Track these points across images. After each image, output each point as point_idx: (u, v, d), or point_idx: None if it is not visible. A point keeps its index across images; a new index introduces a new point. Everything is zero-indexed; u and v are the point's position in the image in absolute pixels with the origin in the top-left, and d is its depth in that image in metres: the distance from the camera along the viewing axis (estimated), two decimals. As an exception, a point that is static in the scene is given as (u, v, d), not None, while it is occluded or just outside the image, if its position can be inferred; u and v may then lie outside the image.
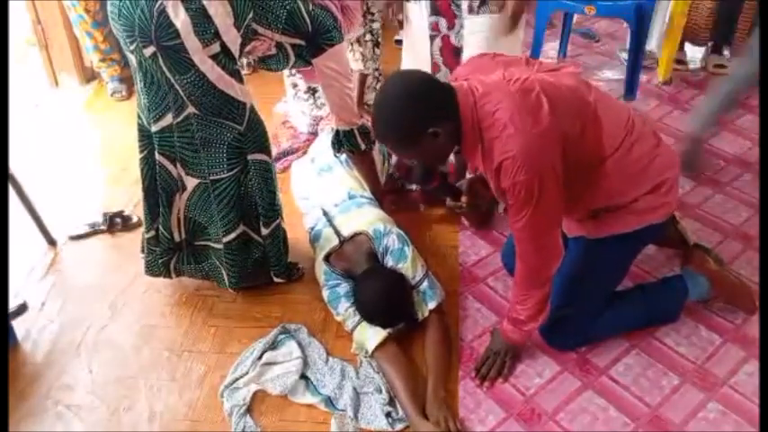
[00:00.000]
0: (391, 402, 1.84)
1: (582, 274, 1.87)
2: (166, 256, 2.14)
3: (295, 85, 2.90)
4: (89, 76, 3.54)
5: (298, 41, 1.93)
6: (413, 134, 1.61)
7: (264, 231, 2.08)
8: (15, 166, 2.36)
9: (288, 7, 1.85)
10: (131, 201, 2.65)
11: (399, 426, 1.79)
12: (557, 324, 1.90)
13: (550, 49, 3.56)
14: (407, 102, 1.59)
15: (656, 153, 1.77)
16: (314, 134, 2.91)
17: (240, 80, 1.87)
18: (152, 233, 2.11)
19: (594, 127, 1.67)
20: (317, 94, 2.88)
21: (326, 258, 2.13)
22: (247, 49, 1.89)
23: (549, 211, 1.64)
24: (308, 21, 1.89)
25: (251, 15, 1.80)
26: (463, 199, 2.01)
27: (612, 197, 1.77)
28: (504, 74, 1.67)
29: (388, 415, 1.81)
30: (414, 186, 2.51)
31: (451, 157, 2.03)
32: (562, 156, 1.61)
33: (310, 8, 1.90)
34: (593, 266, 1.88)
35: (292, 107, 3.01)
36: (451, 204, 2.05)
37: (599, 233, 1.83)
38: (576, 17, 3.54)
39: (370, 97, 2.85)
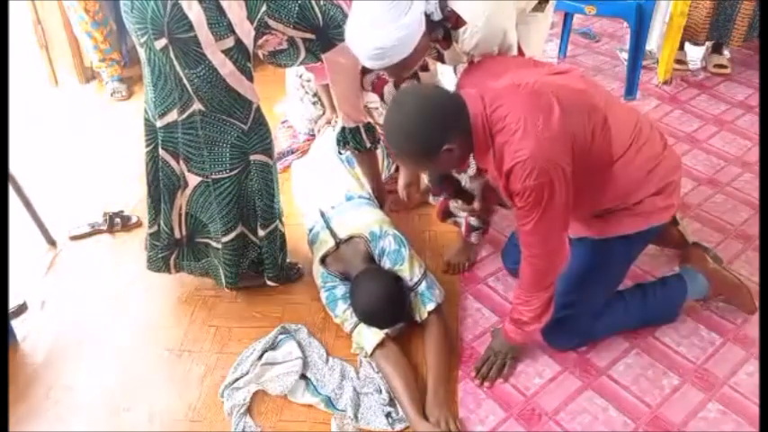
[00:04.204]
0: (391, 403, 1.84)
1: (585, 275, 1.87)
2: (166, 252, 2.15)
3: (302, 87, 2.89)
4: (89, 76, 3.54)
5: (309, 36, 1.93)
6: (429, 153, 1.63)
7: (261, 233, 2.08)
8: (15, 166, 2.36)
9: (300, 1, 1.85)
10: (131, 200, 2.66)
11: (399, 426, 1.79)
12: (557, 324, 1.89)
13: (550, 49, 3.56)
14: (420, 122, 1.59)
15: (663, 156, 1.78)
16: (313, 135, 2.91)
17: (250, 78, 1.87)
18: (154, 228, 2.12)
19: (604, 130, 1.68)
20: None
21: (323, 260, 2.13)
22: (259, 43, 1.89)
23: (558, 215, 1.64)
24: (319, 15, 1.89)
25: (264, 9, 1.81)
26: (475, 204, 2.03)
27: (619, 199, 1.78)
28: (514, 78, 1.67)
29: (388, 415, 1.81)
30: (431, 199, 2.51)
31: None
32: (572, 159, 1.61)
33: (321, 3, 1.90)
34: (597, 267, 1.88)
35: (294, 109, 3.01)
36: (465, 207, 2.08)
37: (603, 234, 1.84)
38: (576, 17, 3.54)
39: (369, 99, 2.84)
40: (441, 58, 2.01)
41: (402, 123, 1.62)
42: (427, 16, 1.72)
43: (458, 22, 1.78)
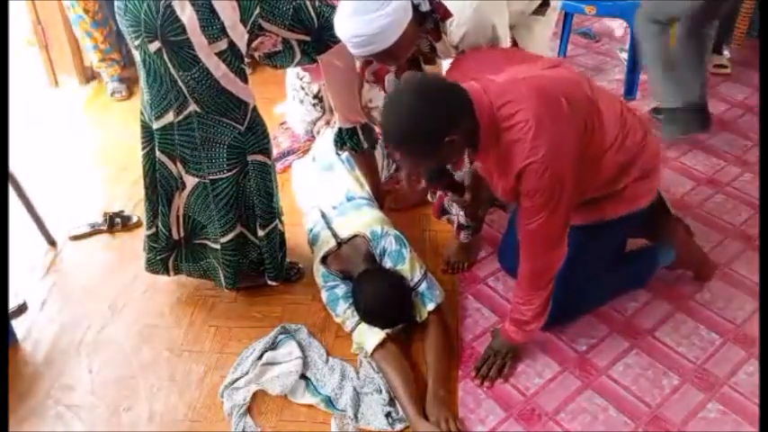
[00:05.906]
0: (391, 402, 1.84)
1: (570, 262, 1.86)
2: (165, 254, 2.14)
3: (302, 89, 2.89)
4: (89, 76, 3.54)
5: (303, 38, 1.93)
6: (431, 145, 1.57)
7: (261, 233, 2.08)
8: (15, 166, 2.35)
9: (294, 3, 1.85)
10: (131, 201, 2.65)
11: (399, 426, 1.79)
12: None
13: (550, 49, 3.55)
14: (423, 113, 1.53)
15: (645, 143, 1.81)
16: (313, 137, 2.91)
17: (245, 80, 1.87)
18: (152, 230, 2.11)
19: (599, 121, 1.69)
20: (323, 102, 2.88)
21: (324, 260, 2.13)
22: (254, 45, 1.89)
23: (564, 213, 1.65)
24: (314, 17, 1.89)
25: (257, 11, 1.80)
26: (467, 195, 2.02)
27: (605, 188, 1.80)
28: (515, 73, 1.66)
29: (388, 415, 1.81)
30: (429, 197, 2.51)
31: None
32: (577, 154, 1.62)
33: (317, 4, 1.90)
34: (582, 254, 1.86)
35: (293, 111, 3.00)
36: (455, 199, 2.07)
37: (586, 220, 1.85)
38: (575, 17, 3.54)
39: (368, 98, 2.84)
40: (435, 51, 2.01)
41: (405, 111, 1.55)
42: (416, 7, 1.72)
43: (446, 13, 1.78)
